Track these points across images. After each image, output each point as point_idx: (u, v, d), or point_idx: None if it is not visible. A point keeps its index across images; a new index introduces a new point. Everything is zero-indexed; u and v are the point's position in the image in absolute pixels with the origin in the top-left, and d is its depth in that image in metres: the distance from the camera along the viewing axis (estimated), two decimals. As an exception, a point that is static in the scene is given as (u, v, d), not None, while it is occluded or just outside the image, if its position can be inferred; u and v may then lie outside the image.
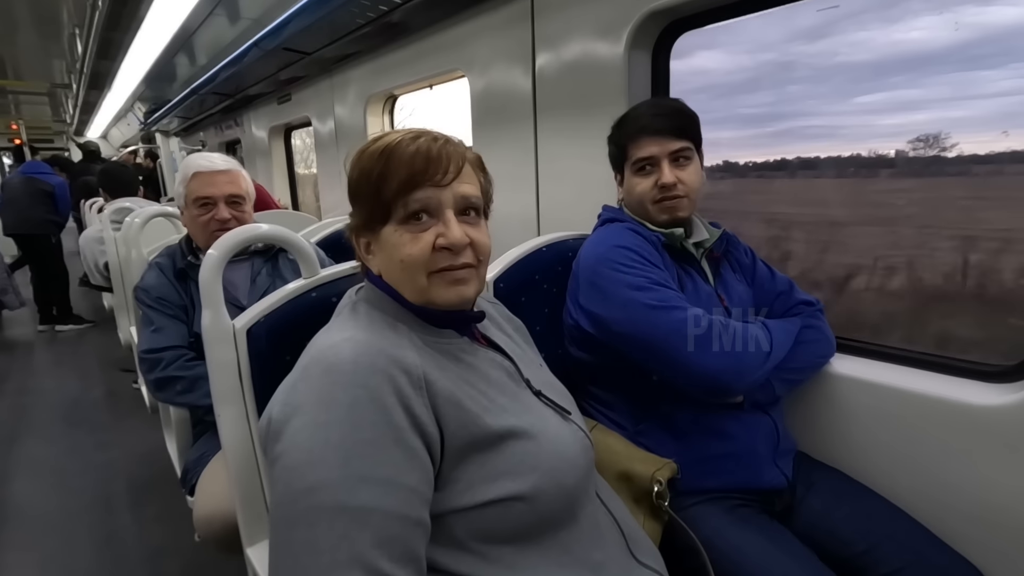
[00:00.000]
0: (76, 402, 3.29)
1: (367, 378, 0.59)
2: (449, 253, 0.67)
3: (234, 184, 1.42)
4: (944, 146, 1.42)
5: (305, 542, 0.53)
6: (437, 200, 0.68)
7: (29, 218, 4.52)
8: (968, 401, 0.98)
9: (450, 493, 0.62)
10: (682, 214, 1.12)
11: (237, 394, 0.86)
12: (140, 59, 3.90)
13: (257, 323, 0.85)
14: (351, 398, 0.58)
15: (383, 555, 0.53)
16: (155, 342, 1.32)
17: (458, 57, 2.06)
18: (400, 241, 0.68)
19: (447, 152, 0.69)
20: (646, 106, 1.16)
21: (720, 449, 1.04)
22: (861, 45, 1.48)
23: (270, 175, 4.34)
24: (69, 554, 1.91)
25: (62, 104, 8.47)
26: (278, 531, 0.55)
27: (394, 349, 0.63)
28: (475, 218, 0.72)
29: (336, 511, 0.53)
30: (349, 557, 0.52)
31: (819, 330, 1.14)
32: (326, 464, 0.55)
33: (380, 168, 0.68)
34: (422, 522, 0.58)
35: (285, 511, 0.55)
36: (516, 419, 0.68)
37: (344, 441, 0.56)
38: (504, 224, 1.95)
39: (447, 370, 0.67)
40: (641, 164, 1.13)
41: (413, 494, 0.57)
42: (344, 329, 0.67)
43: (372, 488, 0.55)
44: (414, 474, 0.58)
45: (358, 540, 0.53)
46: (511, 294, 1.14)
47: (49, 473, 2.48)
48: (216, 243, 0.88)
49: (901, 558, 0.92)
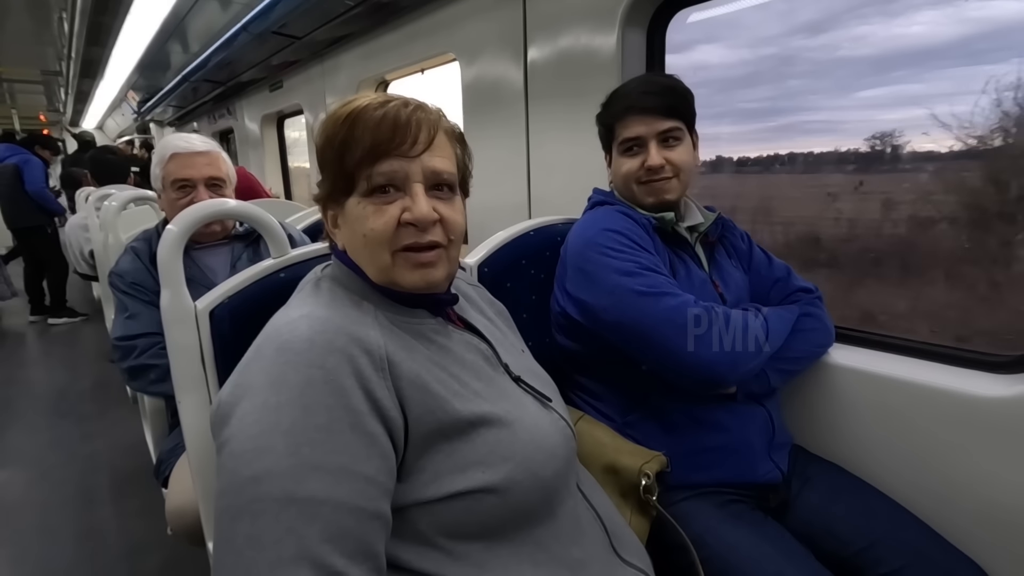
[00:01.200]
0: (63, 393, 3.24)
1: (324, 358, 0.54)
2: (415, 230, 0.62)
3: (214, 166, 1.36)
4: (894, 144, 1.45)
5: (249, 536, 0.48)
6: (404, 172, 0.62)
7: (20, 211, 4.36)
8: (972, 392, 0.93)
9: (414, 484, 0.57)
10: (669, 196, 1.07)
11: (199, 380, 0.81)
12: (131, 45, 3.85)
13: (220, 304, 0.80)
14: (304, 379, 0.53)
15: (334, 550, 0.48)
16: (128, 329, 1.28)
17: (449, 40, 2.01)
18: (363, 214, 0.62)
19: (417, 119, 0.63)
20: (636, 83, 1.10)
21: (712, 442, 0.99)
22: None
23: (263, 164, 4.28)
24: (47, 548, 1.86)
25: (56, 93, 8.38)
26: (221, 524, 0.50)
27: (355, 327, 0.58)
28: (448, 194, 0.66)
29: (283, 502, 0.48)
30: (296, 552, 0.47)
31: (818, 318, 1.09)
32: (274, 451, 0.50)
33: (344, 135, 0.62)
34: (380, 515, 0.53)
35: (229, 502, 0.50)
36: (490, 405, 0.63)
37: (295, 426, 0.51)
38: (494, 211, 1.90)
39: (415, 351, 0.62)
40: (628, 144, 1.07)
41: (370, 484, 0.52)
42: (303, 306, 0.62)
43: (324, 477, 0.50)
44: (372, 462, 0.53)
45: (306, 534, 0.48)
46: (496, 279, 1.09)
47: (32, 464, 2.43)
48: (176, 218, 0.83)
49: (901, 557, 0.87)
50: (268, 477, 0.49)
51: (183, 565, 1.70)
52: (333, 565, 0.48)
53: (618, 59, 1.43)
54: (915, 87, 1.38)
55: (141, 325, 1.28)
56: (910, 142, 1.41)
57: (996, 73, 1.19)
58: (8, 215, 4.44)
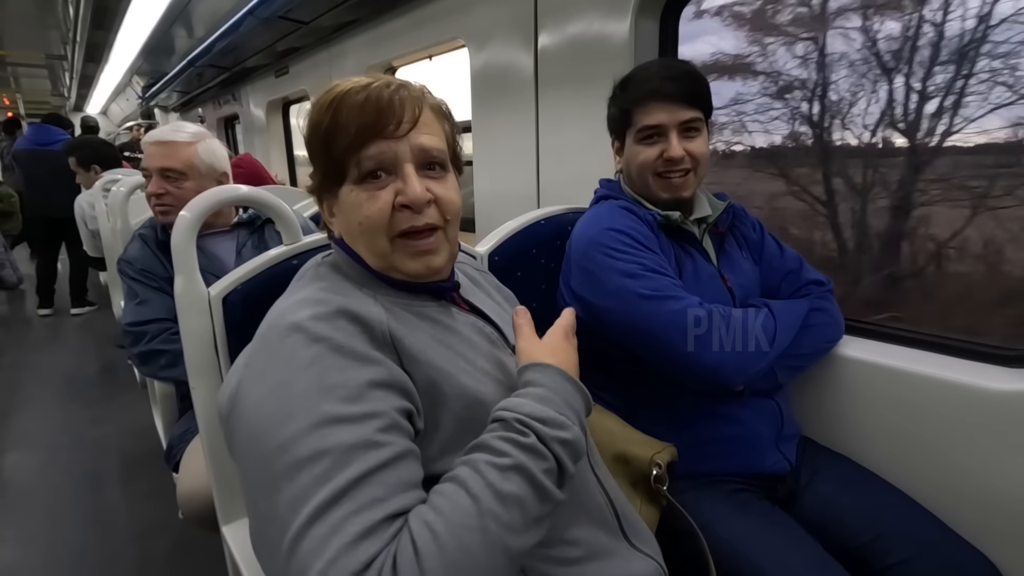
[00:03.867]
0: (71, 377, 3.27)
1: (330, 332, 0.54)
2: (410, 213, 0.61)
3: (170, 158, 1.33)
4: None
5: (289, 501, 0.47)
6: (393, 154, 0.61)
7: (64, 198, 3.70)
8: (984, 386, 0.93)
9: (423, 460, 0.57)
10: (685, 194, 1.04)
11: (212, 365, 0.81)
12: (136, 30, 3.83)
13: (234, 291, 0.81)
14: (313, 353, 0.53)
15: (373, 485, 0.48)
16: (139, 315, 1.28)
17: (458, 25, 1.98)
18: (357, 202, 0.62)
19: (400, 98, 0.61)
20: (656, 66, 1.06)
21: (720, 433, 0.99)
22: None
23: (268, 150, 4.27)
24: (56, 530, 1.88)
25: (60, 78, 8.36)
26: (259, 504, 0.50)
27: (357, 305, 0.58)
28: (440, 172, 0.65)
29: (315, 458, 0.48)
30: (335, 495, 0.46)
31: (828, 313, 1.08)
32: (293, 417, 0.50)
33: (328, 122, 0.61)
34: (411, 451, 0.53)
35: (260, 479, 0.50)
36: (496, 385, 0.63)
37: (309, 390, 0.51)
38: (503, 199, 1.89)
39: (419, 330, 0.62)
40: (647, 132, 1.03)
41: (394, 426, 0.52)
42: (302, 290, 0.62)
43: (348, 426, 0.50)
44: (392, 403, 0.53)
45: (343, 478, 0.47)
46: (506, 269, 1.09)
47: (41, 448, 2.46)
48: (189, 204, 0.83)
49: (909, 547, 0.87)
50: (293, 442, 0.49)
51: (192, 548, 1.73)
52: (374, 497, 0.47)
53: (631, 47, 1.41)
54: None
55: (152, 311, 1.29)
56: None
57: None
58: (53, 202, 3.93)
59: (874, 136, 1.52)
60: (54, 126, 4.32)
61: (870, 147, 1.54)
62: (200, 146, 1.37)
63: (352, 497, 0.46)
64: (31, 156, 4.15)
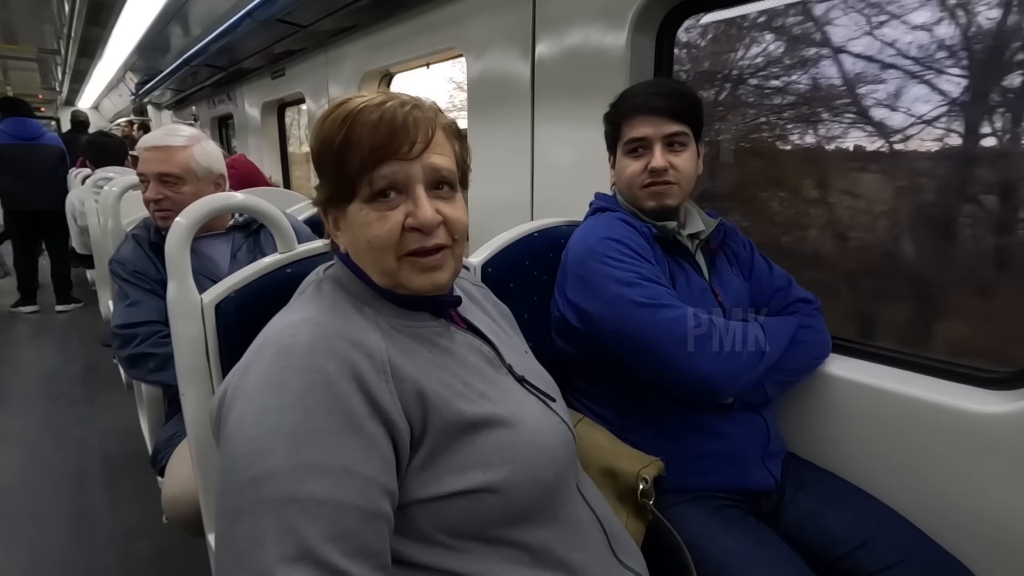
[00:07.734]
0: (55, 376, 3.22)
1: (324, 363, 0.55)
2: (419, 234, 0.62)
3: (166, 163, 1.33)
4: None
5: (251, 536, 0.49)
6: (405, 175, 0.61)
7: (56, 192, 3.95)
8: (967, 408, 0.95)
9: (414, 483, 0.58)
10: (670, 202, 1.07)
11: (203, 372, 0.81)
12: (131, 26, 3.80)
13: (227, 298, 0.80)
14: (305, 383, 0.53)
15: (336, 549, 0.49)
16: (130, 317, 1.27)
17: (456, 35, 1.99)
18: (366, 220, 0.62)
19: (415, 119, 0.62)
20: (645, 84, 1.11)
21: (708, 448, 1.01)
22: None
23: (261, 152, 4.25)
24: (38, 531, 1.86)
25: (52, 72, 8.28)
26: (223, 525, 0.51)
27: (357, 332, 0.59)
28: (449, 192, 0.65)
29: (284, 502, 0.49)
30: (297, 551, 0.48)
31: (815, 330, 1.11)
32: (274, 453, 0.50)
33: (341, 139, 0.61)
34: (382, 514, 0.53)
35: (231, 503, 0.51)
36: (493, 406, 0.64)
37: (295, 428, 0.51)
38: (496, 210, 1.90)
39: (417, 355, 0.63)
40: (633, 145, 1.07)
41: (371, 485, 0.53)
42: (304, 309, 0.62)
43: (324, 478, 0.50)
44: (373, 463, 0.53)
45: (308, 533, 0.48)
46: (499, 280, 1.09)
47: (22, 447, 2.42)
48: (184, 211, 0.83)
49: (895, 553, 0.89)
50: (269, 478, 0.50)
51: (175, 551, 1.71)
52: (335, 563, 0.48)
53: (627, 62, 1.43)
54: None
55: (143, 313, 1.28)
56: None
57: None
58: (45, 196, 4.05)
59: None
60: (29, 118, 4.25)
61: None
62: (196, 149, 1.36)
63: (312, 560, 0.48)
64: (11, 151, 4.06)
